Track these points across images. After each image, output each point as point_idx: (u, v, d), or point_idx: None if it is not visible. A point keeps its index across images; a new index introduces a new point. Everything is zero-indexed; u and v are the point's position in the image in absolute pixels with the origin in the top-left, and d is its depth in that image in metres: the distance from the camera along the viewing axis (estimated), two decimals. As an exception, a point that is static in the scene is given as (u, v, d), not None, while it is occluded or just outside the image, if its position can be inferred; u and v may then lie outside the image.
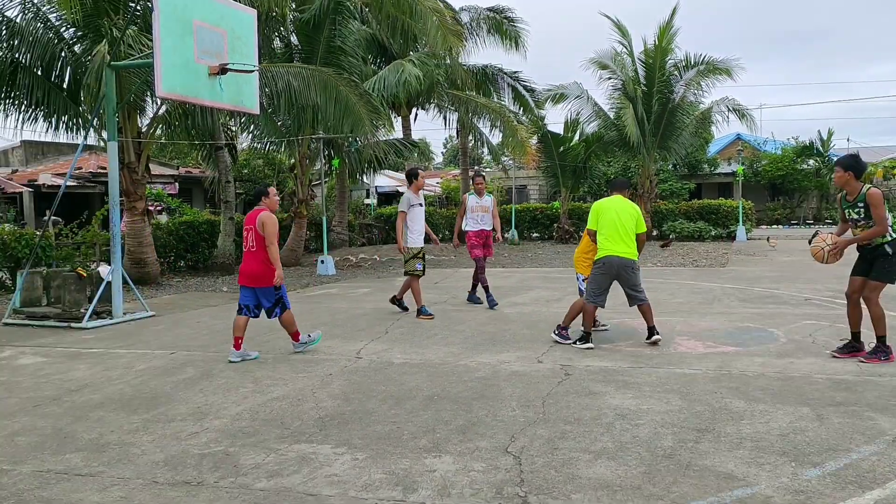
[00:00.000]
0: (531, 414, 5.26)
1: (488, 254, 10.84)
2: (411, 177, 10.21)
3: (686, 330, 8.46)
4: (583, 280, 8.03)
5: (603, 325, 8.51)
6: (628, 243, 7.61)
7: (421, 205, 10.21)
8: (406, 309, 10.34)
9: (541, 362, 6.95)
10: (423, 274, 10.07)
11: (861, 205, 6.60)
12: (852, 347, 6.86)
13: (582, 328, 7.68)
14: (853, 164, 6.75)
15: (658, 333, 7.67)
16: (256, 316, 7.45)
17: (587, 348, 7.46)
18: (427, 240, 10.33)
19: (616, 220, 7.61)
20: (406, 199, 10.05)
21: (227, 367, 7.09)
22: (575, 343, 7.63)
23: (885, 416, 5.00)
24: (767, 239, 23.68)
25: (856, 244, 6.68)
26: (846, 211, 6.85)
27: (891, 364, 6.50)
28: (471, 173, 23.55)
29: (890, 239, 6.48)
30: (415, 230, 10.06)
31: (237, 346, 7.33)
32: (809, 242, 7.12)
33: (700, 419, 5.03)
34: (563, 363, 6.87)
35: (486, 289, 10.63)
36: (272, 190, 7.67)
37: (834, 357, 6.78)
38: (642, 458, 4.30)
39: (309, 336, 7.79)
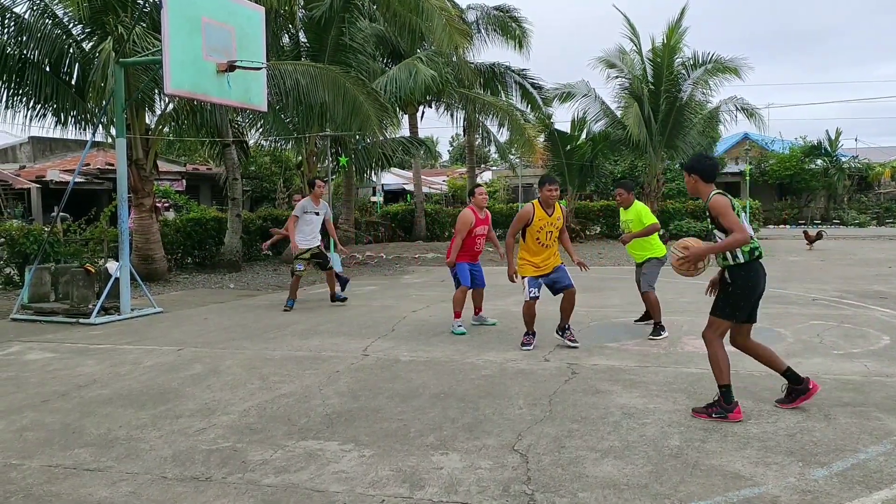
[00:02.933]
0: (538, 412, 5.26)
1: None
2: (311, 185, 10.99)
3: (693, 329, 8.44)
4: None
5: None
6: None
7: (318, 213, 10.76)
8: (345, 299, 11.21)
9: (547, 361, 6.95)
10: (303, 273, 10.79)
11: (708, 214, 5.22)
12: (791, 390, 5.29)
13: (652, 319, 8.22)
14: (695, 164, 5.32)
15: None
16: None
17: (664, 337, 7.95)
18: (335, 246, 11.62)
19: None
20: (300, 206, 10.73)
21: (235, 363, 7.11)
22: (659, 334, 8.01)
23: (892, 416, 4.99)
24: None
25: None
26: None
27: (735, 422, 4.97)
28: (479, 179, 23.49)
29: (732, 263, 5.09)
30: (306, 233, 10.66)
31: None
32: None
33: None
34: (569, 361, 6.87)
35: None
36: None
37: (776, 406, 5.28)
38: (649, 457, 4.30)
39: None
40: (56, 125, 14.22)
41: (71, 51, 13.84)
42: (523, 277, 7.60)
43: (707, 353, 5.18)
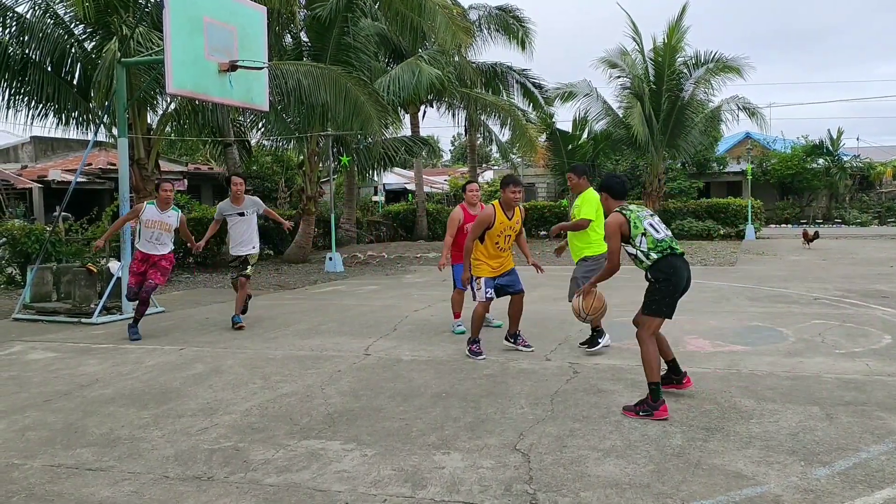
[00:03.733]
0: (540, 411, 5.26)
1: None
2: (227, 183, 9.53)
3: (694, 329, 8.44)
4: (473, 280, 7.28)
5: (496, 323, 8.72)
6: None
7: (243, 214, 9.26)
8: (242, 327, 9.12)
9: (549, 360, 6.95)
10: (238, 280, 9.31)
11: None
12: (668, 379, 5.62)
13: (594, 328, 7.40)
14: (604, 182, 5.72)
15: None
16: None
17: (606, 342, 7.32)
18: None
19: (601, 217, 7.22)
20: (217, 209, 9.52)
21: (237, 363, 7.12)
22: (597, 343, 7.30)
23: (894, 415, 4.98)
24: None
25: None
26: None
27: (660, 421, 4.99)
28: (483, 178, 23.44)
29: (648, 263, 5.31)
30: (234, 238, 9.34)
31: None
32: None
33: (709, 418, 5.02)
34: (571, 361, 6.87)
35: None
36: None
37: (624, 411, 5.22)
38: (651, 457, 4.30)
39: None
40: (58, 125, 14.27)
41: (73, 50, 13.87)
42: (479, 278, 7.15)
43: (641, 352, 5.28)
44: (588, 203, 7.31)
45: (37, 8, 13.57)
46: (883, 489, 3.78)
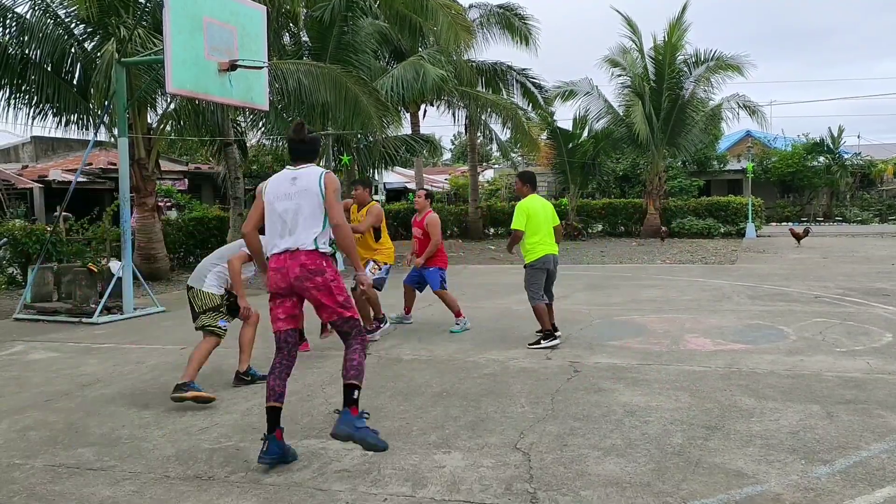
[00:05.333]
0: (540, 410, 5.26)
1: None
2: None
3: (695, 327, 8.44)
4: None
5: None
6: (554, 241, 7.73)
7: None
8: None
9: (549, 359, 6.95)
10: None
11: None
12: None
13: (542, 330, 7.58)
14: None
15: (559, 332, 7.66)
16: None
17: (555, 344, 7.43)
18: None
19: (545, 220, 7.63)
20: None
21: (238, 362, 7.10)
22: (539, 343, 7.47)
23: (895, 413, 4.98)
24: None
25: None
26: None
27: None
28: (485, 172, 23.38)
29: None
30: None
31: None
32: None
33: (710, 416, 5.02)
34: (571, 360, 6.87)
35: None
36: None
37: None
38: (652, 456, 4.30)
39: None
40: (58, 125, 14.26)
41: (73, 51, 13.86)
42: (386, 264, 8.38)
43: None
44: (518, 212, 7.62)
45: (36, 8, 13.56)
46: (884, 487, 3.78)
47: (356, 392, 4.45)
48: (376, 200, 8.76)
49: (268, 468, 4.17)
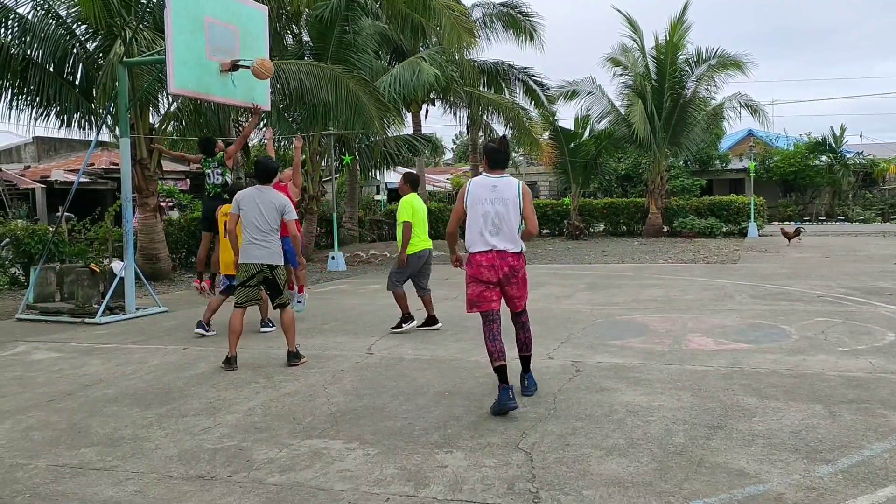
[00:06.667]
0: (542, 410, 5.26)
1: None
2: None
3: (697, 327, 8.44)
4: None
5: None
6: (428, 236, 8.61)
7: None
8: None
9: (552, 359, 6.95)
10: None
11: None
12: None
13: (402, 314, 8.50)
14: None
15: (439, 322, 8.55)
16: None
17: (412, 327, 8.46)
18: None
19: (423, 218, 8.50)
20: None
21: (239, 362, 7.12)
22: (401, 326, 8.45)
23: (898, 413, 4.98)
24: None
25: None
26: None
27: None
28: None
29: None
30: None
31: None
32: None
33: (712, 416, 5.02)
34: (573, 359, 6.87)
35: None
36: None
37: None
38: (654, 455, 4.30)
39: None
40: (60, 125, 14.27)
41: (75, 51, 13.87)
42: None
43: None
44: (404, 206, 8.38)
45: (38, 9, 13.57)
46: (886, 487, 3.77)
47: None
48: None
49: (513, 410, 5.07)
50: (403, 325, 8.50)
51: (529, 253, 8.11)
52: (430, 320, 8.63)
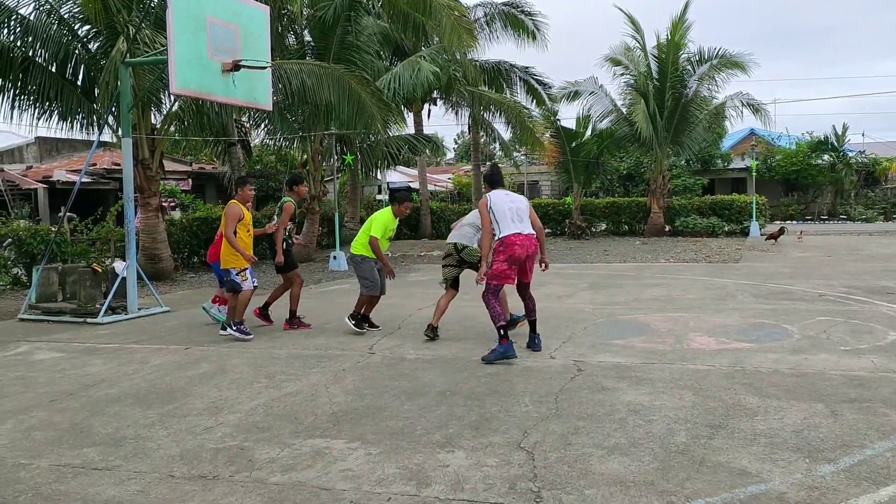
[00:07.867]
0: (544, 409, 5.26)
1: None
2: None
3: (699, 326, 8.44)
4: (236, 273, 8.41)
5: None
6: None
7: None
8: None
9: (553, 358, 6.95)
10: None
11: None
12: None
13: (354, 315, 8.62)
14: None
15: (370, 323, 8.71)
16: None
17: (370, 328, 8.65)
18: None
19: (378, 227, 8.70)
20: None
21: (242, 362, 7.14)
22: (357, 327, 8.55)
23: (900, 412, 4.98)
24: (799, 233, 23.14)
25: None
26: None
27: None
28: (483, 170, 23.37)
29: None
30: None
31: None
32: None
33: (713, 415, 5.02)
34: (575, 359, 6.87)
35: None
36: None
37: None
38: (655, 454, 4.30)
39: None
40: (62, 126, 14.29)
41: (76, 52, 13.89)
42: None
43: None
44: (376, 222, 8.62)
45: (40, 9, 13.59)
46: (888, 486, 3.77)
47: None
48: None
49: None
50: (356, 323, 8.65)
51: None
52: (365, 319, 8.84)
